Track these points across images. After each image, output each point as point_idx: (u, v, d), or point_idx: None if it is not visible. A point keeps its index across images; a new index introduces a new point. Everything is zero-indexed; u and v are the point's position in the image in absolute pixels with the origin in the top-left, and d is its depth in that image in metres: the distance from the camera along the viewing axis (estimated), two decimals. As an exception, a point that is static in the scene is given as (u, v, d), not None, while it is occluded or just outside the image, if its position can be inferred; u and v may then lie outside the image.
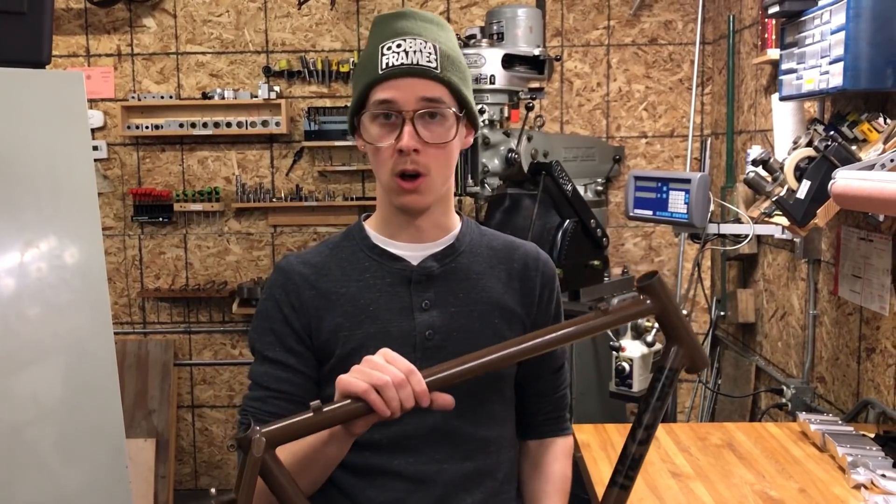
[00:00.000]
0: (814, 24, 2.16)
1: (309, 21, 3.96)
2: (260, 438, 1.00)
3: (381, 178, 1.29)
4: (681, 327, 1.14)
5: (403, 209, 1.30)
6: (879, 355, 2.19)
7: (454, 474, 1.30)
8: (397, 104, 1.23)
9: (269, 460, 1.01)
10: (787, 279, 2.88)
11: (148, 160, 4.05)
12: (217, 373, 4.16)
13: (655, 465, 1.90)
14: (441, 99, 1.25)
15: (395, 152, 1.24)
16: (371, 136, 1.27)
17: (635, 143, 3.91)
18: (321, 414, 1.04)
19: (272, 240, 4.08)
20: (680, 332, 1.14)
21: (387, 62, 1.24)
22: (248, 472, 0.98)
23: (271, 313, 1.34)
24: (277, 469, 1.02)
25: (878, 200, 1.64)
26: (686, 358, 1.14)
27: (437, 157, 1.26)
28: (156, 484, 3.94)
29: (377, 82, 1.24)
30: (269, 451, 1.01)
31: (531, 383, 1.44)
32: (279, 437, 1.02)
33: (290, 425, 1.04)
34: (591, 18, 3.88)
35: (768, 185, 2.29)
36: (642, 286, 1.12)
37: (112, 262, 4.07)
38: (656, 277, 1.11)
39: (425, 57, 1.24)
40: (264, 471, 1.00)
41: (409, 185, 1.26)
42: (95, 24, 3.98)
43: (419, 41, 1.25)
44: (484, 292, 1.34)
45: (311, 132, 3.89)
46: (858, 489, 1.72)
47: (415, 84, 1.23)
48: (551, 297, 1.42)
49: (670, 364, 1.13)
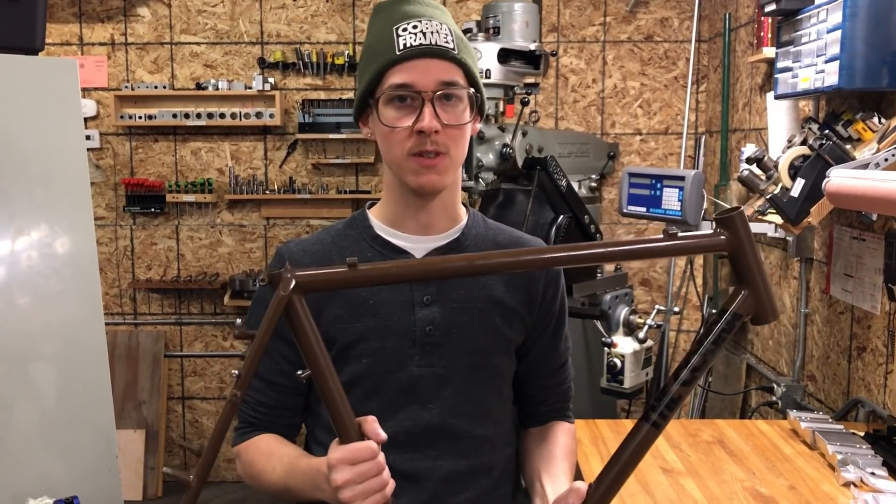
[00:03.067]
0: (810, 23, 2.16)
1: (304, 13, 3.94)
2: (290, 278, 0.99)
3: (395, 160, 1.26)
4: (755, 270, 1.02)
5: (420, 190, 1.26)
6: (870, 354, 2.19)
7: (448, 471, 1.30)
8: (416, 86, 1.21)
9: (295, 301, 0.99)
10: (780, 277, 2.89)
11: (141, 150, 4.03)
12: (208, 364, 4.15)
13: (646, 461, 1.89)
14: (457, 81, 1.24)
15: (412, 134, 1.22)
16: (387, 119, 1.24)
17: (630, 139, 3.91)
18: (356, 270, 1.01)
19: (265, 232, 4.07)
20: (754, 275, 1.02)
21: (404, 43, 1.21)
22: (271, 309, 0.98)
23: (268, 300, 1.32)
24: (302, 312, 1.00)
25: (872, 199, 1.64)
26: (753, 305, 1.03)
27: (455, 138, 1.24)
28: (145, 475, 3.93)
29: (394, 63, 1.22)
30: (297, 294, 0.99)
31: (534, 379, 1.42)
32: (310, 282, 1.01)
33: (323, 274, 1.03)
34: (587, 14, 3.88)
35: (762, 184, 2.29)
36: (722, 217, 1.02)
37: (103, 252, 4.05)
38: (739, 211, 1.01)
39: (443, 38, 1.23)
40: (289, 311, 0.99)
41: (430, 162, 1.23)
42: (89, 12, 3.95)
43: (435, 23, 1.23)
44: (485, 289, 1.32)
45: (306, 124, 3.88)
46: (848, 487, 1.73)
47: (433, 65, 1.22)
48: (555, 297, 1.39)
49: (735, 308, 1.02)
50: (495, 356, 1.34)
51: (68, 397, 2.01)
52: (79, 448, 2.02)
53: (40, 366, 1.97)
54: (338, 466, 1.04)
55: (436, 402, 1.29)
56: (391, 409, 1.28)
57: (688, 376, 1.03)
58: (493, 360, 1.34)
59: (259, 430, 1.35)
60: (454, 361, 1.30)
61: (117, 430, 2.18)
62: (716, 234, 1.02)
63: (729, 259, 1.03)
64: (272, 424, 1.35)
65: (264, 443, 1.33)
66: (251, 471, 1.32)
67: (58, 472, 1.98)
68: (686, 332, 3.93)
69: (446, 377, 1.30)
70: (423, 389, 1.29)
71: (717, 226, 1.02)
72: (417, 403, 1.29)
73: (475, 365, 1.31)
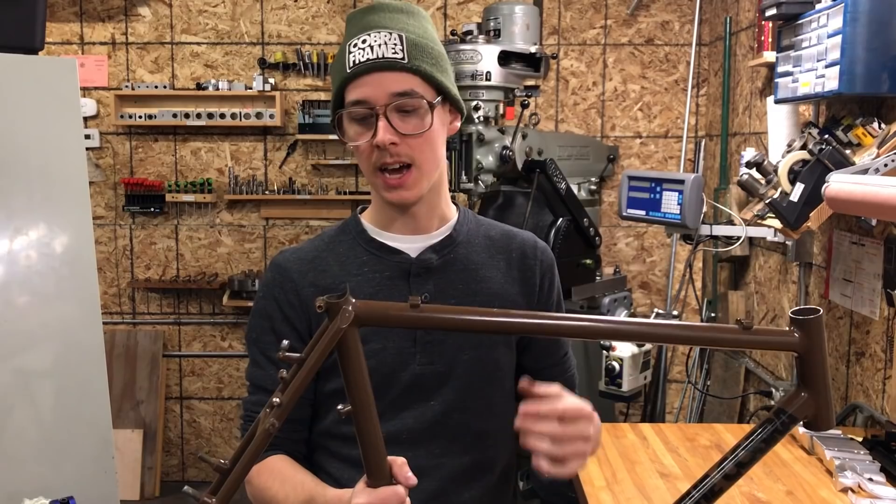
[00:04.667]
0: (811, 28, 2.16)
1: (305, 13, 3.94)
2: (349, 309, 0.95)
3: (367, 175, 1.28)
4: (821, 377, 1.00)
5: (393, 205, 1.29)
6: (869, 359, 2.19)
7: (452, 468, 1.30)
8: (369, 101, 1.22)
9: (349, 335, 0.96)
10: (779, 282, 2.88)
11: (141, 150, 4.03)
12: (206, 364, 4.14)
13: (644, 464, 1.90)
14: (413, 90, 1.23)
15: (373, 149, 1.23)
16: (349, 136, 1.26)
17: (630, 143, 3.91)
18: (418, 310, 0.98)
19: (264, 232, 4.06)
20: (819, 382, 1.00)
21: (353, 60, 1.22)
22: (326, 340, 0.94)
23: (271, 313, 1.32)
24: (355, 346, 0.97)
25: (871, 205, 1.64)
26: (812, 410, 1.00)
27: (419, 147, 1.24)
28: (143, 475, 3.92)
29: (348, 81, 1.23)
30: (353, 327, 0.96)
31: (538, 371, 1.41)
32: (367, 315, 0.98)
33: (382, 307, 0.99)
34: (588, 17, 3.88)
35: (762, 188, 2.29)
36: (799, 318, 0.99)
37: (103, 251, 4.05)
38: (819, 314, 0.98)
39: (390, 49, 1.22)
40: (342, 344, 0.96)
41: (395, 180, 1.25)
42: (90, 11, 3.95)
43: (383, 34, 1.23)
44: (483, 283, 1.33)
45: (306, 125, 3.88)
46: (846, 492, 1.73)
47: (383, 78, 1.22)
48: (552, 286, 1.41)
49: (794, 410, 0.99)
50: (496, 350, 1.34)
51: (65, 397, 2.01)
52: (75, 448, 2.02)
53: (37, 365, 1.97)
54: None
55: (438, 398, 1.30)
56: (394, 408, 1.28)
57: (733, 471, 1.00)
58: (495, 354, 1.34)
59: (271, 450, 1.31)
60: (455, 357, 1.30)
61: (115, 430, 2.17)
62: (790, 332, 0.99)
63: (797, 359, 1.01)
64: (284, 441, 1.32)
65: (277, 466, 1.30)
66: (264, 496, 1.28)
67: (54, 473, 1.97)
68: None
69: (448, 373, 1.30)
70: (425, 387, 1.29)
71: (792, 324, 0.99)
72: (420, 401, 1.29)
73: (477, 360, 1.32)
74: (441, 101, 1.27)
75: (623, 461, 1.92)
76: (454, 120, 1.33)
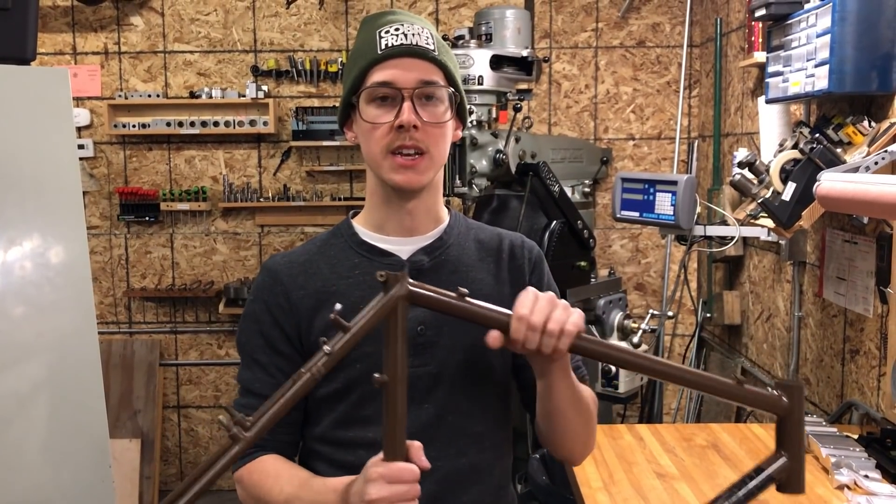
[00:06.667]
0: (800, 28, 2.18)
1: (297, 21, 3.95)
2: (405, 283, 1.03)
3: (374, 158, 1.28)
4: (798, 441, 1.11)
5: (399, 188, 1.28)
6: (863, 357, 2.20)
7: (448, 471, 1.30)
8: (397, 83, 1.25)
9: (400, 307, 1.03)
10: (773, 281, 2.89)
11: (135, 159, 4.03)
12: (203, 373, 4.14)
13: (640, 465, 1.91)
14: (438, 81, 1.27)
15: (391, 130, 1.25)
16: (369, 116, 1.27)
17: (623, 145, 3.92)
18: (464, 301, 1.08)
19: (259, 240, 4.06)
20: (795, 445, 1.11)
21: (386, 43, 1.26)
22: (379, 306, 1.02)
23: (260, 316, 1.32)
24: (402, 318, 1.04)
25: (863, 203, 1.65)
26: (786, 473, 1.10)
27: (434, 137, 1.27)
28: (141, 484, 3.91)
29: (377, 62, 1.26)
30: (404, 301, 1.03)
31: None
32: (418, 296, 1.05)
33: (433, 292, 1.07)
34: (579, 20, 3.89)
35: (754, 188, 2.30)
36: (785, 384, 1.11)
37: (98, 261, 4.04)
38: (800, 384, 1.13)
39: (424, 39, 1.27)
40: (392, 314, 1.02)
41: (409, 161, 1.26)
42: (82, 21, 3.96)
43: (417, 26, 1.28)
44: (474, 284, 1.33)
45: (299, 132, 3.88)
46: (842, 490, 1.73)
47: (414, 64, 1.26)
48: (541, 280, 1.41)
49: (772, 472, 1.09)
50: (489, 350, 1.34)
51: (61, 407, 2.00)
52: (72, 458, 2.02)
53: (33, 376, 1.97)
54: (377, 482, 1.04)
55: (431, 400, 1.30)
56: None
57: None
58: (488, 355, 1.34)
59: (261, 451, 1.31)
60: (448, 359, 1.30)
61: (112, 440, 2.17)
62: (779, 397, 1.11)
63: (777, 422, 1.12)
64: (274, 443, 1.31)
65: (269, 464, 1.29)
66: (256, 493, 1.28)
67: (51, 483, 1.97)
68: (681, 336, 3.94)
69: (441, 375, 1.30)
70: (418, 389, 1.29)
71: (780, 390, 1.11)
72: (413, 403, 1.29)
73: (470, 360, 1.32)
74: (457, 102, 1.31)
75: (620, 462, 1.93)
76: (458, 128, 1.36)
